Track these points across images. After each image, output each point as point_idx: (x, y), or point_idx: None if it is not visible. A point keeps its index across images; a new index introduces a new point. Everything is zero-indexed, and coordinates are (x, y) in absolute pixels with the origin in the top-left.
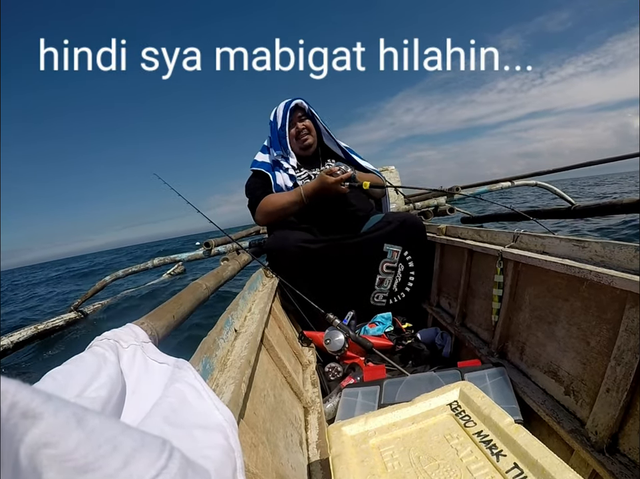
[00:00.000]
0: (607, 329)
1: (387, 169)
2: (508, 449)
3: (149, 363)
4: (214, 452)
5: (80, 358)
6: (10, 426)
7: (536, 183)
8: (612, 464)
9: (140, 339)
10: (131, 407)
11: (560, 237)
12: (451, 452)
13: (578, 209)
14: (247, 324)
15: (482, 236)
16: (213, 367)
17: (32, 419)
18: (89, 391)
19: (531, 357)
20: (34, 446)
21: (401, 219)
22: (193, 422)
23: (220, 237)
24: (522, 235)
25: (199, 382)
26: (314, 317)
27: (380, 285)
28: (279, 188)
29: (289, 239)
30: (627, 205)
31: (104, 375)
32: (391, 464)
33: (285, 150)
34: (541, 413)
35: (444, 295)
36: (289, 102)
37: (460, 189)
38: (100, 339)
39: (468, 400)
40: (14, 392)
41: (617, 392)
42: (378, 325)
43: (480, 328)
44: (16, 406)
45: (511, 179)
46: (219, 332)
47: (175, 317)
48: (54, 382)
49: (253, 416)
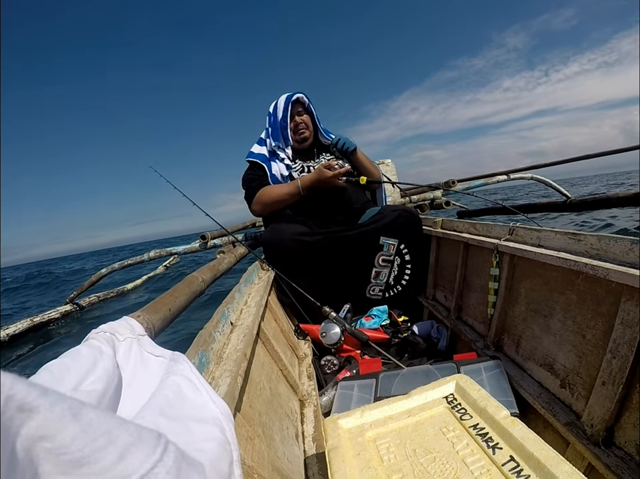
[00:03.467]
0: (602, 322)
1: (384, 163)
2: (504, 442)
3: (145, 356)
4: (210, 445)
5: (77, 351)
6: (6, 420)
7: (532, 176)
8: (607, 457)
9: (136, 332)
10: (127, 400)
11: (556, 230)
12: (447, 444)
13: (574, 202)
14: (243, 317)
15: (478, 229)
16: (209, 360)
17: (29, 412)
18: (85, 384)
19: (527, 350)
20: (31, 439)
21: (397, 212)
22: (190, 415)
23: (216, 231)
24: (518, 228)
25: (196, 375)
26: (310, 310)
27: (376, 278)
28: (274, 178)
29: (285, 232)
30: (622, 198)
31: (100, 368)
32: (387, 457)
33: (284, 142)
34: (537, 406)
35: (440, 288)
36: (291, 96)
37: (456, 182)
38: (97, 332)
39: (464, 393)
40: (11, 385)
41: (613, 385)
42: (374, 318)
43: (476, 322)
44: (13, 399)
45: (507, 172)
46: (215, 325)
47: (171, 310)
48: (50, 375)
49: (249, 409)
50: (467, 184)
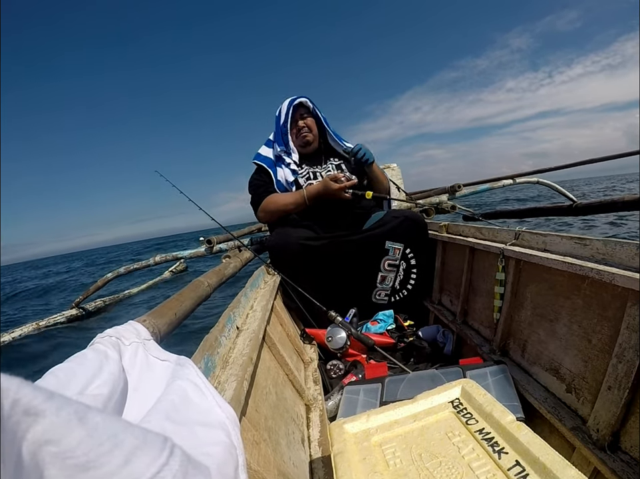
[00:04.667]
0: (608, 327)
1: (389, 167)
2: (510, 446)
3: (151, 360)
4: (216, 449)
5: (82, 356)
6: (12, 424)
7: (538, 180)
8: (613, 462)
9: (141, 337)
10: (133, 404)
11: (562, 235)
12: (453, 449)
13: (580, 206)
14: (249, 321)
15: (484, 234)
16: (215, 364)
17: (34, 416)
18: (91, 389)
19: (532, 355)
20: (36, 443)
21: (403, 217)
22: (195, 419)
23: (222, 235)
24: (524, 232)
25: (201, 379)
26: (316, 315)
27: (382, 282)
28: (279, 184)
29: (291, 237)
30: (627, 202)
31: (105, 372)
32: (393, 462)
33: (287, 146)
34: (543, 411)
35: (445, 293)
36: (294, 100)
37: (462, 186)
38: (102, 336)
39: (470, 397)
40: (17, 389)
41: (619, 390)
42: (380, 323)
43: (482, 326)
44: (19, 403)
45: (513, 176)
46: (221, 330)
47: (177, 314)
48: (56, 380)
49: (255, 414)
50: (472, 188)
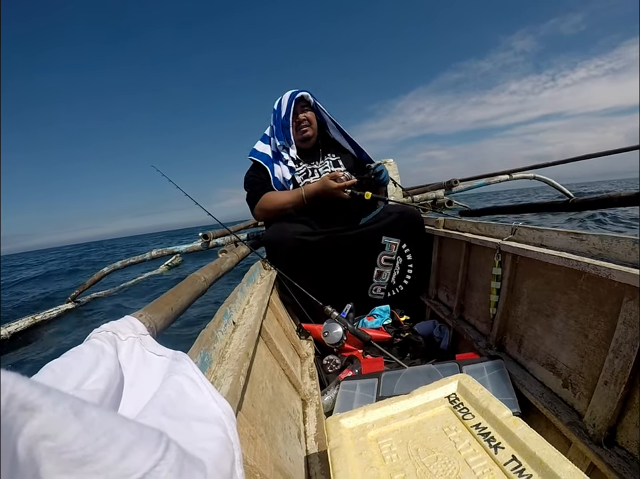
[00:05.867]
0: (604, 322)
1: (386, 162)
2: (506, 441)
3: (147, 355)
4: (212, 444)
5: (79, 351)
6: (8, 419)
7: (534, 176)
8: (610, 457)
9: (138, 332)
10: (129, 399)
11: (558, 230)
12: (449, 444)
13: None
14: (246, 316)
15: (480, 229)
16: (211, 360)
17: (31, 411)
18: (87, 384)
19: (529, 350)
20: (33, 438)
21: (399, 212)
22: (192, 414)
23: (219, 230)
24: (520, 228)
25: (198, 374)
26: (312, 310)
27: (379, 277)
28: (277, 181)
29: (287, 232)
30: (624, 198)
31: (102, 367)
32: (389, 457)
33: (287, 140)
34: (539, 406)
35: (442, 288)
36: (295, 93)
37: (458, 181)
38: (98, 331)
39: (466, 392)
40: (13, 384)
41: (615, 385)
42: (376, 318)
43: (478, 321)
44: (15, 398)
45: (510, 172)
46: (217, 325)
47: (173, 309)
48: (52, 375)
49: (252, 409)
50: (469, 184)
